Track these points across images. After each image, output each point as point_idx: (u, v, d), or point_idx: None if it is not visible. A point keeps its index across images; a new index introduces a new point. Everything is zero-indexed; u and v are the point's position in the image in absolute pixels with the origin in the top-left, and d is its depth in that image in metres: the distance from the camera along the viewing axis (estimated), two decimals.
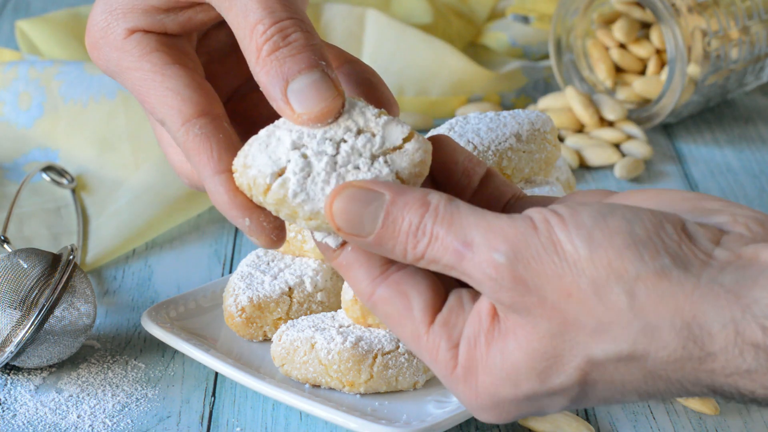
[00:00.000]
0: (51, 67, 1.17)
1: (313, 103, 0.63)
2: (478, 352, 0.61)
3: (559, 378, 0.59)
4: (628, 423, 0.83)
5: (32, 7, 1.59)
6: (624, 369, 0.58)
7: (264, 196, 0.63)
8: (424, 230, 0.60)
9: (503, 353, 0.60)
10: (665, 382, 0.58)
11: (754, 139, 1.26)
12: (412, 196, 0.61)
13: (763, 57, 1.26)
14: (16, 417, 0.84)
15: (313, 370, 0.83)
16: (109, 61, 0.70)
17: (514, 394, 0.60)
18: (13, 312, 0.85)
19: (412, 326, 0.62)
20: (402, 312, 0.62)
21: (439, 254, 0.60)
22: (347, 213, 0.62)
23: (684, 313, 0.56)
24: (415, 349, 0.63)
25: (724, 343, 0.56)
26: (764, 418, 0.84)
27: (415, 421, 0.80)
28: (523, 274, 0.58)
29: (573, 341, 0.58)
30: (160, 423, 0.84)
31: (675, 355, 0.57)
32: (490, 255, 0.59)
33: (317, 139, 0.63)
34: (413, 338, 0.62)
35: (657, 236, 0.57)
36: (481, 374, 0.61)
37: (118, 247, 1.04)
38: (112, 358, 0.90)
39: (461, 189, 0.66)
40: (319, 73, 0.63)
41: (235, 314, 0.88)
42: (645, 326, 0.57)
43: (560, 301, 0.58)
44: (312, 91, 0.63)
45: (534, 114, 0.91)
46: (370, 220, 0.61)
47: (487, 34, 1.41)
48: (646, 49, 1.25)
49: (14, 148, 1.15)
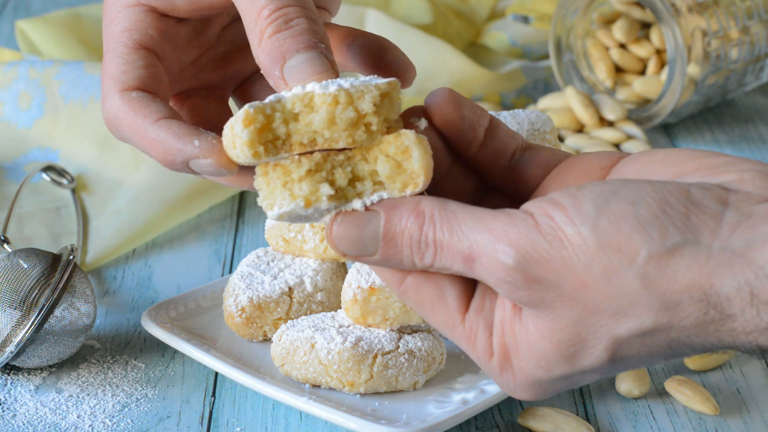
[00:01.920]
0: (51, 67, 1.17)
1: (306, 76, 0.64)
2: (508, 339, 0.61)
3: (588, 360, 0.60)
4: (628, 423, 0.83)
5: (32, 7, 1.60)
6: (649, 341, 0.59)
7: (243, 124, 0.62)
8: (426, 241, 0.61)
9: (529, 342, 0.60)
10: (690, 347, 0.59)
11: (754, 139, 1.25)
12: (406, 208, 0.61)
13: (763, 57, 1.25)
14: (16, 417, 0.84)
15: (313, 370, 0.83)
16: (109, 16, 0.72)
17: (548, 377, 0.61)
18: (13, 312, 0.85)
19: (447, 314, 0.63)
20: (435, 299, 0.63)
21: (449, 263, 0.61)
22: (347, 239, 0.62)
23: (701, 284, 0.57)
24: (450, 336, 0.63)
25: (741, 305, 0.57)
26: (764, 418, 0.84)
27: (415, 421, 0.80)
28: (535, 273, 0.59)
29: (596, 325, 0.59)
30: (160, 423, 0.84)
31: (697, 321, 0.57)
32: (498, 258, 0.59)
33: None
34: (448, 326, 0.63)
35: (663, 213, 0.58)
36: (514, 359, 0.61)
37: (118, 247, 1.04)
38: (112, 358, 0.90)
39: (468, 143, 0.66)
40: (316, 53, 0.64)
41: (235, 314, 0.88)
42: (664, 303, 0.57)
43: (577, 291, 0.58)
44: (306, 66, 0.64)
45: (534, 114, 0.91)
46: (370, 241, 0.62)
47: (487, 34, 1.41)
48: (646, 49, 1.25)
49: (14, 148, 1.15)
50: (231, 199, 1.13)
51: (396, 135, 0.63)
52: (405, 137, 0.63)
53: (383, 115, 0.63)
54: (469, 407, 0.81)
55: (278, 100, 0.63)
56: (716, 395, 0.86)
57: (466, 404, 0.81)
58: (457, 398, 0.82)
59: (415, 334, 0.84)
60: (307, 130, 0.63)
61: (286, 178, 0.63)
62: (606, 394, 0.86)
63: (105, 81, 0.70)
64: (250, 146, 0.62)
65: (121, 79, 0.69)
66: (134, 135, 0.68)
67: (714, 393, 0.86)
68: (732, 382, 0.87)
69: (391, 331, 0.84)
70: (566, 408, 0.85)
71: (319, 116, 0.62)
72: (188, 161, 0.66)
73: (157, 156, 0.67)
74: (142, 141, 0.67)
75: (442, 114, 0.66)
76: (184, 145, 0.65)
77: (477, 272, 0.60)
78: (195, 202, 1.09)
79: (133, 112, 0.68)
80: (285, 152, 0.63)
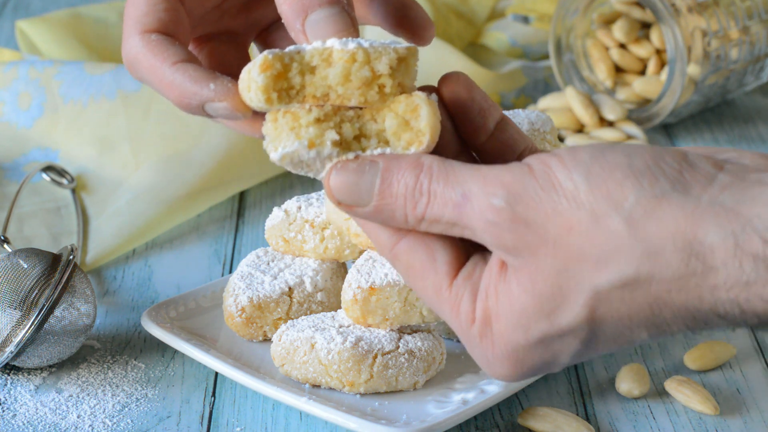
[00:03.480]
0: (51, 67, 1.17)
1: (327, 33, 0.65)
2: (491, 303, 0.61)
3: (567, 316, 0.59)
4: (628, 423, 0.83)
5: (32, 7, 1.60)
6: (629, 298, 0.58)
7: (260, 69, 0.63)
8: (421, 190, 0.61)
9: (510, 299, 0.60)
10: (671, 309, 0.58)
11: (754, 139, 1.25)
12: (406, 160, 0.62)
13: (763, 57, 1.26)
14: (16, 417, 0.84)
15: (313, 370, 0.83)
16: None
17: (526, 339, 0.61)
18: (13, 312, 0.85)
19: (435, 278, 0.63)
20: (425, 263, 0.63)
21: (439, 211, 0.61)
22: (344, 185, 0.63)
23: (685, 232, 0.57)
24: (435, 302, 0.63)
25: (724, 256, 0.56)
26: (764, 418, 0.84)
27: (415, 421, 0.80)
28: (522, 214, 0.59)
29: (578, 276, 0.59)
30: (160, 423, 0.84)
31: (678, 272, 0.57)
32: (489, 201, 0.59)
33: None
34: (435, 291, 0.63)
35: (656, 166, 0.58)
36: (495, 323, 0.61)
37: (118, 247, 1.04)
38: (112, 358, 0.90)
39: (476, 128, 0.67)
40: (338, 8, 0.65)
41: (235, 314, 0.88)
42: (647, 249, 0.57)
43: (562, 236, 0.58)
44: (328, 23, 0.65)
45: (534, 114, 0.91)
46: (366, 189, 0.62)
47: (487, 34, 1.41)
48: (646, 49, 1.25)
49: (14, 148, 1.15)
50: (231, 199, 1.13)
51: (407, 96, 0.64)
52: (416, 97, 0.64)
53: (398, 80, 0.64)
54: (469, 407, 0.81)
55: (298, 51, 0.64)
56: (716, 395, 0.86)
57: (466, 404, 0.81)
58: (457, 398, 0.82)
59: (415, 334, 0.84)
60: (321, 83, 0.64)
61: (295, 123, 0.64)
62: (606, 394, 0.86)
63: (127, 22, 0.71)
64: (264, 91, 0.64)
65: (142, 21, 0.70)
66: (152, 77, 0.69)
67: (714, 393, 0.86)
68: (732, 382, 0.88)
69: (391, 331, 0.84)
70: (566, 408, 0.85)
71: (335, 71, 0.64)
72: (204, 104, 0.67)
73: (173, 98, 0.68)
74: (160, 83, 0.69)
75: (452, 91, 0.66)
76: (200, 88, 0.67)
77: (466, 218, 0.60)
78: (195, 202, 1.09)
79: (151, 55, 0.69)
80: (297, 102, 0.64)
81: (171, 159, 1.10)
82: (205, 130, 1.12)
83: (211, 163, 1.10)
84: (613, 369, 0.88)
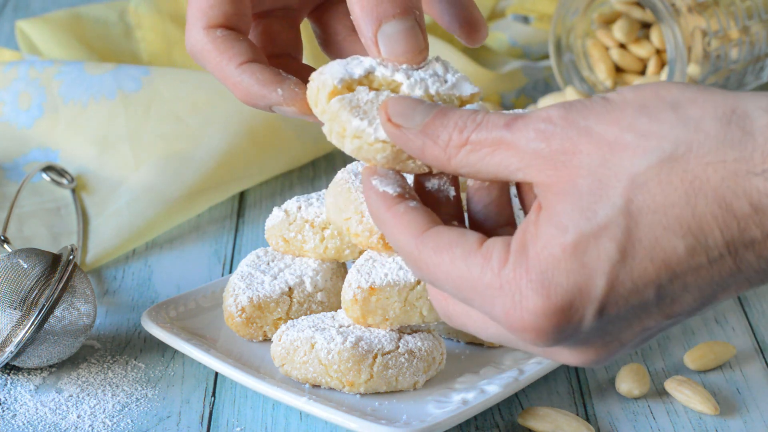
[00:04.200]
0: (51, 67, 1.17)
1: (400, 51, 0.66)
2: (529, 234, 0.60)
3: (605, 208, 0.59)
4: (628, 423, 0.83)
5: (32, 7, 1.60)
6: (666, 179, 0.58)
7: (328, 97, 0.65)
8: (474, 119, 0.62)
9: (549, 212, 0.60)
10: (705, 197, 0.58)
11: None
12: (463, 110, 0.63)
13: (763, 57, 1.26)
14: (16, 417, 0.84)
15: (313, 370, 0.83)
16: None
17: (562, 246, 0.59)
18: (13, 312, 0.85)
19: (465, 245, 0.62)
20: (454, 237, 0.62)
21: (485, 132, 0.61)
22: (403, 103, 0.64)
23: (725, 106, 0.59)
24: (463, 268, 0.61)
25: (764, 122, 0.58)
26: (764, 418, 0.84)
27: (415, 421, 0.80)
28: (573, 117, 0.60)
29: (617, 165, 0.59)
30: (160, 423, 0.84)
31: (717, 140, 0.58)
32: (544, 112, 0.61)
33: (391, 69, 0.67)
34: (463, 256, 0.61)
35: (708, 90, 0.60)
36: (531, 247, 0.60)
37: (118, 247, 1.04)
38: (112, 358, 0.90)
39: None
40: (411, 22, 0.66)
41: (235, 314, 0.88)
42: (687, 120, 0.59)
43: (606, 129, 0.59)
44: (401, 39, 0.66)
45: None
46: (422, 113, 0.63)
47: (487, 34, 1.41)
48: (646, 49, 1.25)
49: (14, 148, 1.15)
50: (231, 199, 1.13)
51: None
52: None
53: None
54: (469, 407, 0.81)
55: (367, 74, 0.66)
56: (716, 395, 0.86)
57: (466, 404, 0.81)
58: (457, 398, 0.82)
59: (415, 334, 0.84)
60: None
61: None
62: (606, 394, 0.86)
63: (191, 11, 0.72)
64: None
65: (208, 14, 0.71)
66: (218, 74, 0.71)
67: (714, 393, 0.86)
68: (732, 382, 0.88)
69: (391, 331, 0.84)
70: (566, 408, 0.85)
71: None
72: (271, 106, 0.70)
73: (240, 97, 0.70)
74: (225, 81, 0.71)
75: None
76: (268, 92, 0.69)
77: (515, 132, 0.61)
78: (195, 202, 1.09)
79: (217, 53, 0.71)
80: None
81: (171, 159, 1.10)
82: (205, 130, 1.12)
83: (211, 163, 1.10)
84: (613, 369, 0.88)
